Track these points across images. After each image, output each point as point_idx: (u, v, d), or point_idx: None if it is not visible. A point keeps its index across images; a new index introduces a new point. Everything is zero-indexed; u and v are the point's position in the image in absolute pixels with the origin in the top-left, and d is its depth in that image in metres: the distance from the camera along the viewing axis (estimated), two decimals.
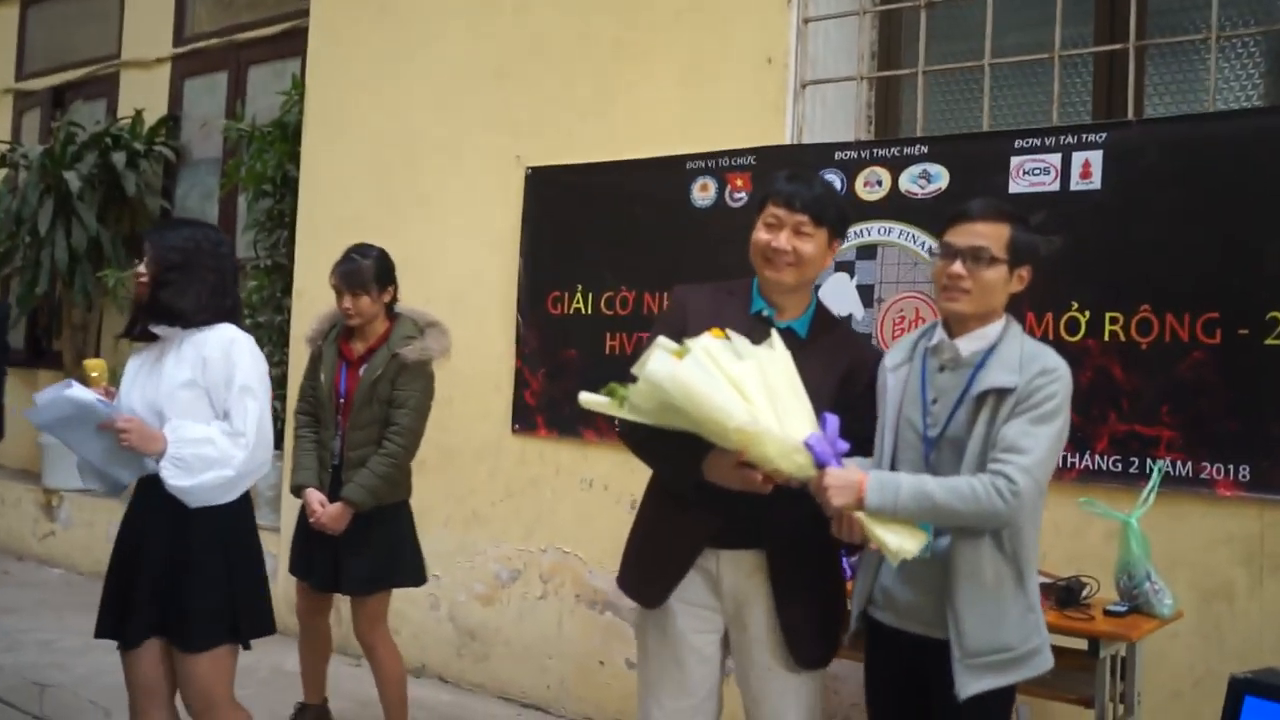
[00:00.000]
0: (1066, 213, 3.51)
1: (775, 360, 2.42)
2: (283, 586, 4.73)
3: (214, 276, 3.03)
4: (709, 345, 2.39)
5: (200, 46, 7.11)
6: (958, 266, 2.39)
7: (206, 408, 2.95)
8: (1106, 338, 3.43)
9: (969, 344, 2.43)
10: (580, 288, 4.59)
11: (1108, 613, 2.91)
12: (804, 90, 4.18)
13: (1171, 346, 3.34)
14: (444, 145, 5.07)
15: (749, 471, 2.40)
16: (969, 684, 2.31)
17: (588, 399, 2.51)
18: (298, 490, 3.87)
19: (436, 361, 3.88)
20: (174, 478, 2.85)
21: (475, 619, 4.82)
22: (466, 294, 4.92)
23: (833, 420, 2.36)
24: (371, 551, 3.80)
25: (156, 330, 3.01)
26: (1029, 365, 2.35)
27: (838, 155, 4.00)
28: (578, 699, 4.52)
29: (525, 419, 4.72)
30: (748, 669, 2.64)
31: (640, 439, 2.65)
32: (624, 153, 4.50)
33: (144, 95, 7.34)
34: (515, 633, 4.70)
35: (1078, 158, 3.54)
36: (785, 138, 4.15)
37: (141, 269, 3.00)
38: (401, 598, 4.87)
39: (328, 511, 3.71)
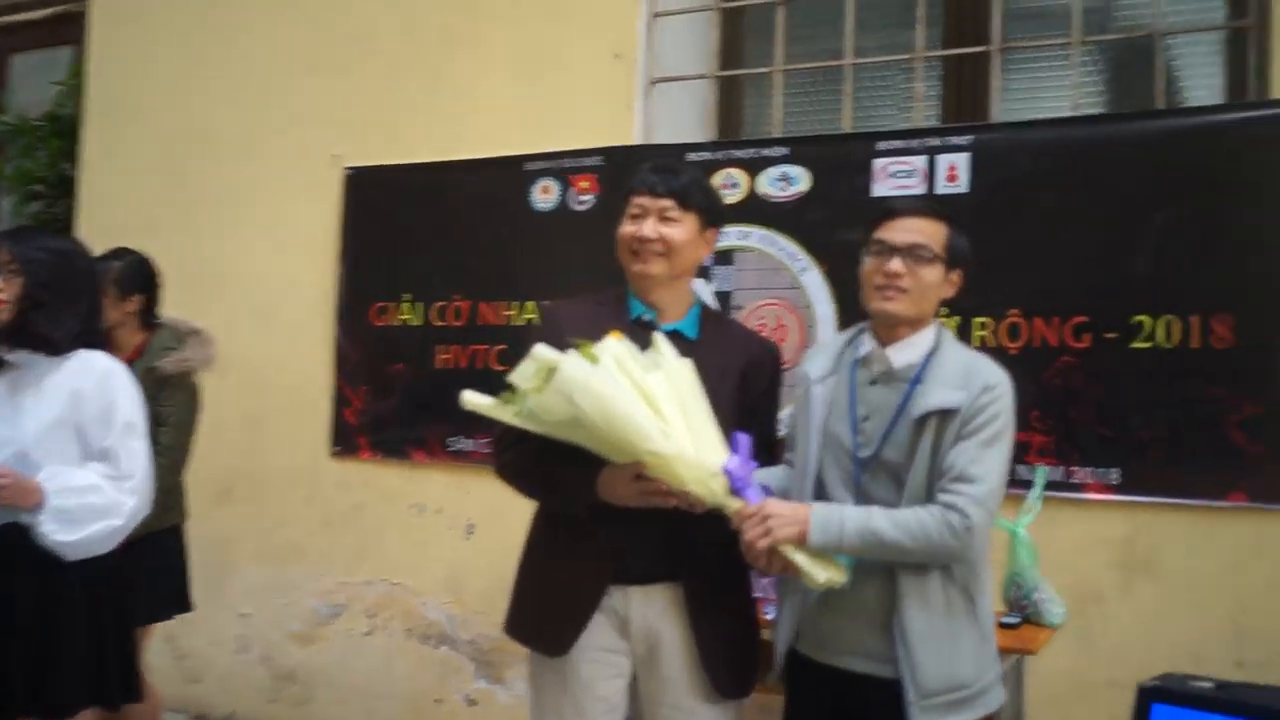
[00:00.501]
0: None
1: (682, 372, 2.21)
2: None
3: (88, 299, 2.67)
4: (618, 352, 2.15)
5: None
6: (896, 264, 2.19)
7: (75, 448, 2.57)
8: (976, 343, 3.35)
9: (901, 354, 2.23)
10: (408, 297, 4.25)
11: (1002, 625, 2.81)
12: (653, 88, 3.99)
13: (1041, 351, 3.31)
14: (249, 142, 4.63)
15: (649, 485, 2.17)
16: None
17: (472, 399, 2.23)
18: None
19: (201, 373, 3.52)
20: (57, 533, 2.49)
21: (292, 660, 4.38)
22: (277, 305, 4.50)
23: (744, 440, 2.18)
24: (144, 583, 3.34)
25: (11, 359, 2.59)
26: (971, 381, 2.16)
27: (691, 156, 3.81)
28: None
29: (346, 440, 4.33)
30: (656, 710, 2.38)
31: (522, 468, 2.40)
32: (456, 152, 4.20)
33: None
34: (339, 673, 4.29)
35: (943, 160, 3.49)
36: (634, 137, 3.95)
37: None
38: (205, 639, 4.43)
39: None
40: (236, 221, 4.62)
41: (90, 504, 2.53)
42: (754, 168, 3.75)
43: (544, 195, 4.05)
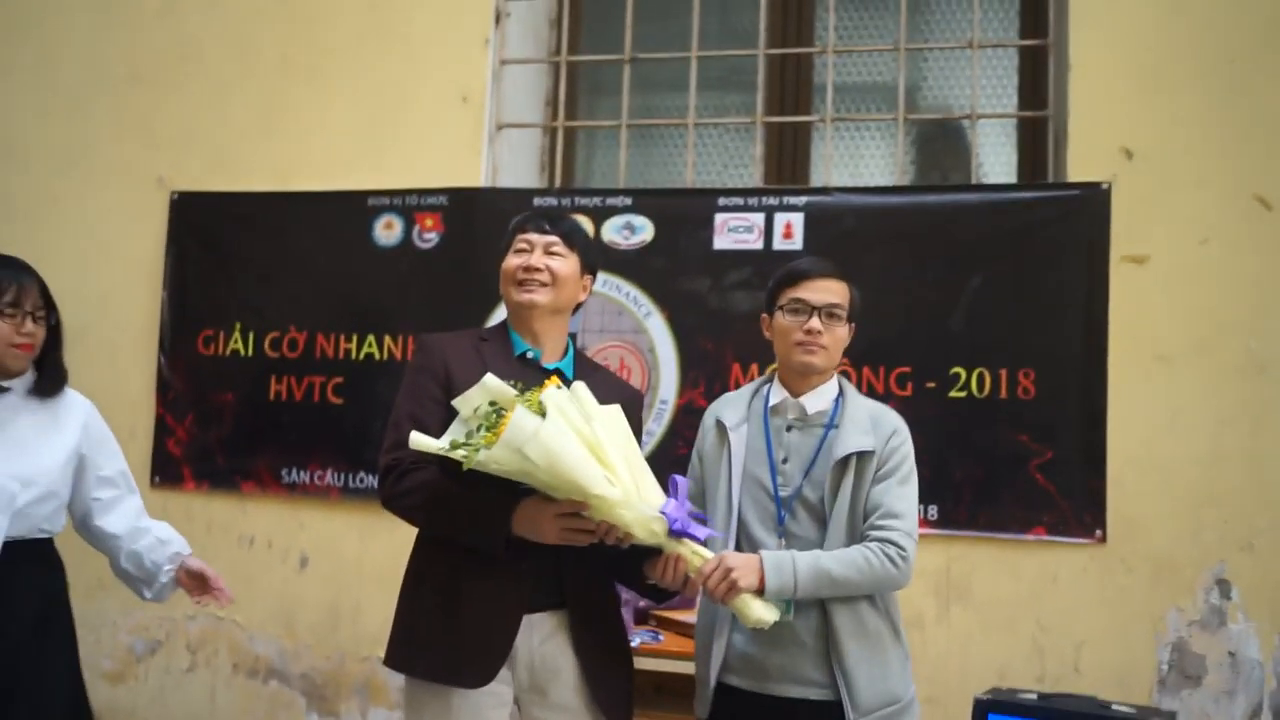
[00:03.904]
0: (770, 271, 3.63)
1: (614, 418, 2.32)
2: None
3: None
4: (559, 400, 2.23)
5: None
6: (815, 322, 2.44)
7: (73, 477, 2.71)
8: None
9: (814, 402, 2.48)
10: (239, 326, 4.18)
11: None
12: (499, 132, 4.11)
13: (868, 397, 3.61)
14: (63, 156, 4.43)
15: (574, 523, 2.26)
16: None
17: (420, 440, 2.26)
18: None
19: None
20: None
21: (102, 700, 4.14)
22: (90, 328, 4.29)
23: (682, 483, 2.31)
24: None
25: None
26: (880, 426, 2.44)
27: (536, 201, 3.97)
28: None
29: (168, 471, 4.20)
30: None
31: (423, 502, 2.38)
32: (291, 182, 4.19)
33: None
34: (155, 712, 4.15)
35: (780, 219, 3.77)
36: (480, 179, 4.05)
37: (36, 328, 2.65)
38: None
39: None
40: (46, 238, 4.38)
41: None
42: (599, 216, 3.92)
43: (387, 231, 4.09)
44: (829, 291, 2.46)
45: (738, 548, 2.41)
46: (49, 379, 2.70)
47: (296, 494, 4.06)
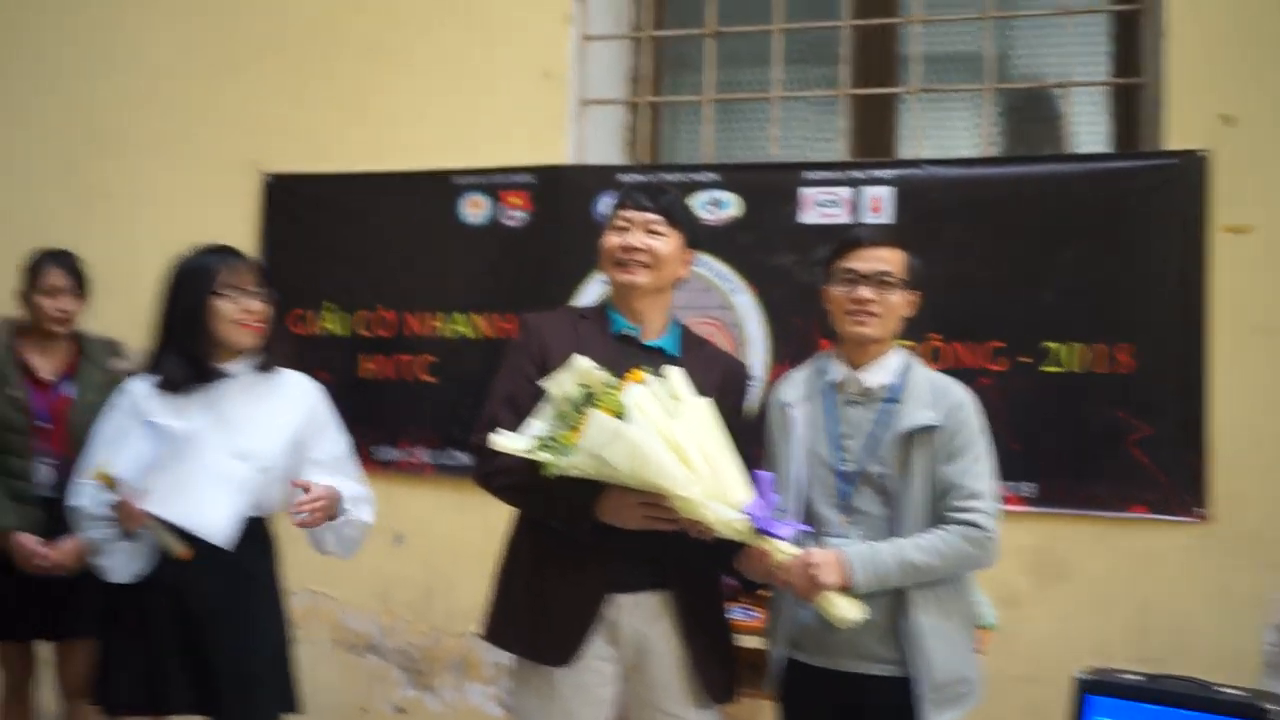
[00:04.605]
0: None
1: (702, 411, 2.32)
2: None
3: None
4: (641, 399, 2.24)
5: None
6: (865, 291, 2.43)
7: (293, 458, 2.77)
8: None
9: (874, 376, 2.46)
10: (330, 306, 4.25)
11: None
12: (583, 109, 4.11)
13: (961, 373, 3.48)
14: (157, 144, 4.51)
15: (656, 512, 2.29)
16: (938, 718, 2.32)
17: (503, 442, 2.30)
18: None
19: None
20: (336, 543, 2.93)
21: None
22: None
23: (766, 479, 2.30)
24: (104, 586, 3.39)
25: (230, 372, 2.72)
26: (942, 400, 2.42)
27: (622, 178, 3.96)
28: None
29: None
30: (647, 716, 2.49)
31: (513, 483, 2.43)
32: (380, 163, 4.22)
33: None
34: None
35: (868, 193, 3.73)
36: (566, 157, 4.06)
37: (259, 305, 2.72)
38: None
39: (64, 550, 3.22)
40: (142, 224, 4.48)
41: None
42: (685, 191, 3.88)
43: (474, 210, 4.12)
44: (879, 260, 2.45)
45: (805, 528, 2.40)
46: (266, 356, 2.77)
47: (390, 471, 4.11)
